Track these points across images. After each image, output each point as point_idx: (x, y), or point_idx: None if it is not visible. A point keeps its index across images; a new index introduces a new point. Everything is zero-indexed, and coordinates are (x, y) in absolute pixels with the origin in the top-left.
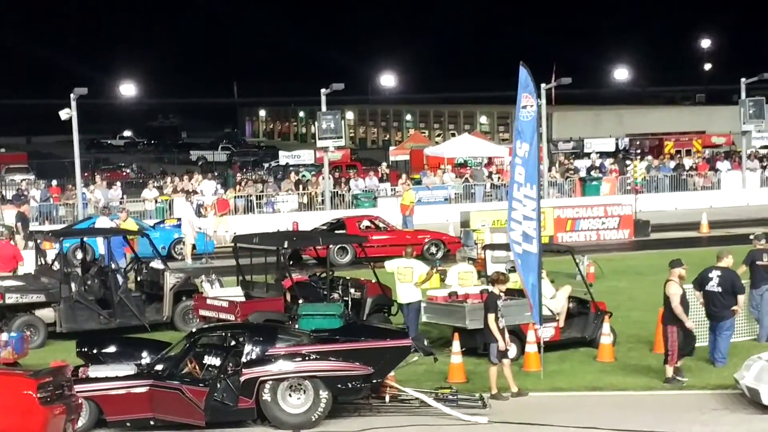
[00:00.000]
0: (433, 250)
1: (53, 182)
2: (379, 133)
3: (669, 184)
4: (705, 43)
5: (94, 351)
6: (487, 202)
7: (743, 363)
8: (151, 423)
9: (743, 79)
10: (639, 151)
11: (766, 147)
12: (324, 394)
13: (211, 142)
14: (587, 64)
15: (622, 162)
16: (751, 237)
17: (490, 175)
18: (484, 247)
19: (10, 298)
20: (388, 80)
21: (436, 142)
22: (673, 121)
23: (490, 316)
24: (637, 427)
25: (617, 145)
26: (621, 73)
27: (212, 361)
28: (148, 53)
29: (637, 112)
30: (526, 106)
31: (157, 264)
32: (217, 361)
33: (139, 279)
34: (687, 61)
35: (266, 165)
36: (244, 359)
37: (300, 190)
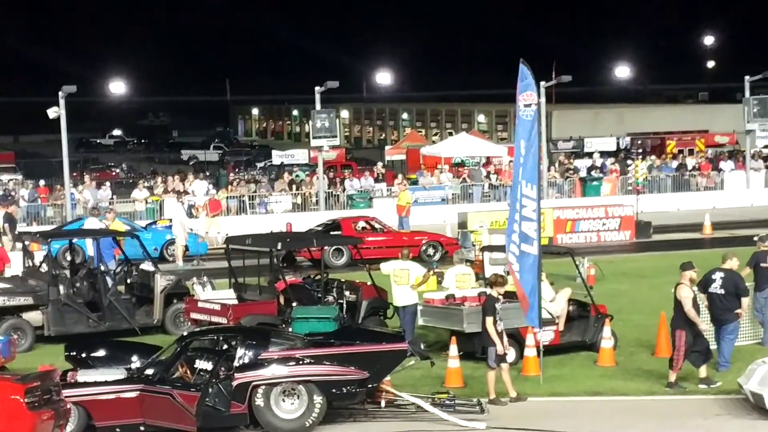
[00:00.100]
0: (430, 251)
1: (41, 182)
2: (375, 132)
3: (671, 185)
4: (708, 39)
5: (83, 355)
6: (485, 203)
7: (747, 367)
8: (141, 429)
9: (747, 77)
10: (641, 151)
11: None
12: (318, 399)
13: (203, 141)
14: (587, 61)
15: (623, 162)
16: (756, 238)
17: (488, 175)
18: (482, 249)
19: None
20: (384, 78)
21: (433, 142)
22: (675, 120)
23: (488, 320)
24: None
25: (618, 144)
26: (622, 71)
27: (204, 365)
28: (138, 50)
29: (639, 111)
30: (528, 105)
31: (147, 266)
32: (208, 366)
33: (128, 281)
34: (690, 59)
35: (259, 165)
36: (236, 363)
37: (294, 191)
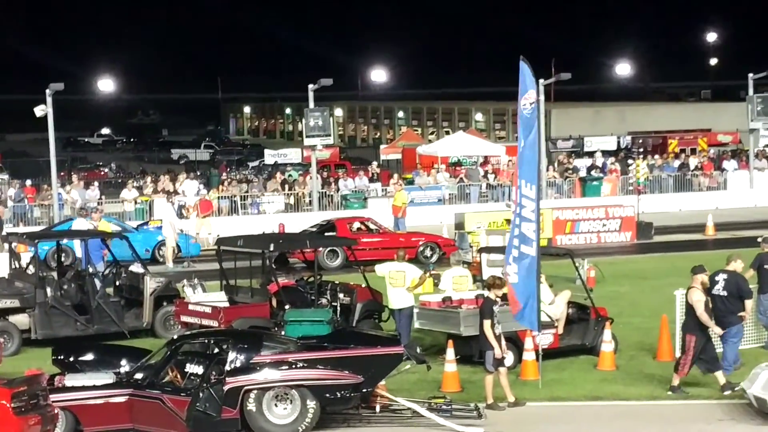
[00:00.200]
0: (427, 253)
1: (28, 182)
2: (370, 131)
3: (673, 185)
4: (711, 36)
5: (71, 359)
6: (482, 203)
7: (750, 371)
8: None
9: (751, 75)
10: (642, 150)
11: None
12: (311, 404)
13: (194, 140)
14: (587, 58)
15: (623, 161)
16: (759, 240)
17: (486, 175)
18: (480, 250)
19: None
20: (379, 75)
21: (429, 141)
22: (677, 119)
23: (486, 323)
24: None
25: (619, 143)
26: (623, 68)
27: (194, 369)
28: (127, 47)
29: (640, 109)
30: (528, 103)
31: (136, 267)
32: (199, 370)
33: (117, 283)
34: (692, 56)
35: (251, 164)
36: (227, 367)
37: (286, 191)
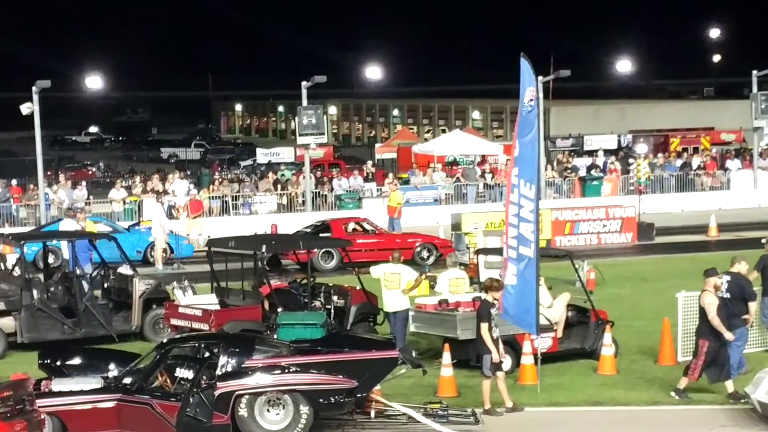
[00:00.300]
0: (424, 254)
1: (13, 182)
2: (364, 130)
3: (675, 184)
4: (714, 32)
5: (58, 363)
6: (479, 204)
7: (754, 376)
8: None
9: (755, 72)
10: (645, 149)
11: None
12: (305, 409)
13: (184, 139)
14: (587, 55)
15: (623, 160)
16: (763, 241)
17: (483, 175)
18: (477, 252)
19: None
20: (374, 72)
21: (425, 139)
22: (679, 117)
23: (483, 326)
24: None
25: (619, 142)
26: (623, 65)
27: (184, 373)
28: (115, 44)
29: (641, 107)
30: (527, 101)
31: (125, 269)
32: (189, 374)
33: (105, 285)
34: (694, 52)
35: (243, 163)
36: (218, 372)
37: (279, 191)
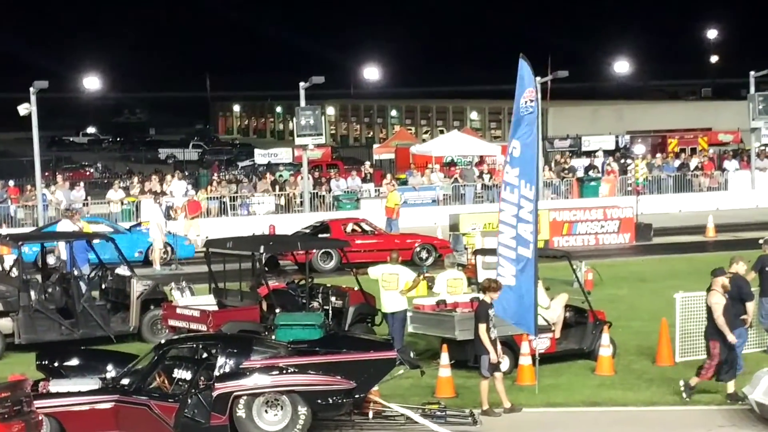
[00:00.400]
0: (423, 255)
1: (11, 182)
2: (362, 130)
3: (672, 185)
4: (711, 33)
5: (56, 364)
6: (477, 204)
7: (752, 376)
8: None
9: (752, 72)
10: (643, 150)
11: None
12: (303, 410)
13: (182, 140)
14: (585, 56)
15: (619, 161)
16: (761, 241)
17: (481, 175)
18: (475, 252)
19: None
20: (372, 73)
21: (423, 140)
22: (676, 118)
23: (481, 327)
24: None
25: (617, 142)
26: (621, 66)
27: (182, 374)
28: (113, 44)
29: (639, 108)
30: (526, 101)
31: (122, 270)
32: (187, 375)
33: (103, 286)
34: (692, 53)
35: (241, 164)
36: (216, 373)
37: (277, 191)
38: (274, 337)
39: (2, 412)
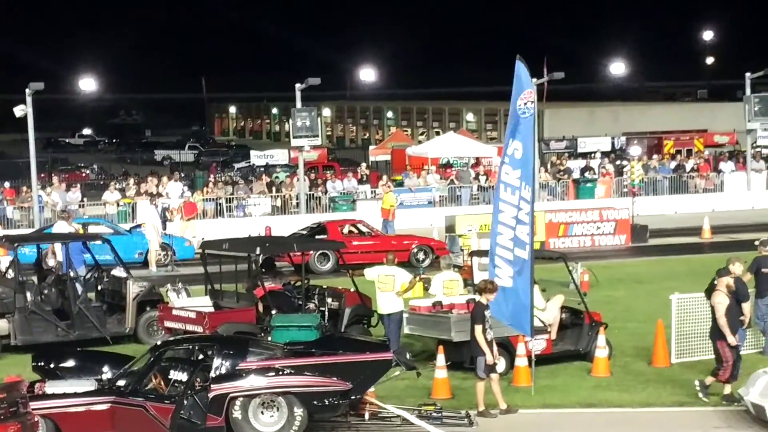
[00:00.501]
0: (420, 256)
1: (6, 184)
2: (358, 132)
3: (668, 186)
4: (707, 35)
5: (52, 365)
6: (473, 206)
7: (748, 377)
8: None
9: (748, 74)
10: (639, 151)
11: None
12: (299, 412)
13: (178, 141)
14: (581, 57)
15: (614, 162)
16: (757, 243)
17: (477, 177)
18: (471, 254)
19: None
20: (368, 74)
21: (419, 141)
22: (673, 119)
23: (478, 328)
24: None
25: (613, 144)
26: (617, 67)
27: (178, 376)
28: (109, 46)
29: (635, 109)
30: (523, 103)
31: (118, 271)
32: (183, 376)
33: (99, 288)
34: (688, 54)
35: (237, 165)
36: (212, 374)
37: (273, 193)
38: (270, 339)
39: None
